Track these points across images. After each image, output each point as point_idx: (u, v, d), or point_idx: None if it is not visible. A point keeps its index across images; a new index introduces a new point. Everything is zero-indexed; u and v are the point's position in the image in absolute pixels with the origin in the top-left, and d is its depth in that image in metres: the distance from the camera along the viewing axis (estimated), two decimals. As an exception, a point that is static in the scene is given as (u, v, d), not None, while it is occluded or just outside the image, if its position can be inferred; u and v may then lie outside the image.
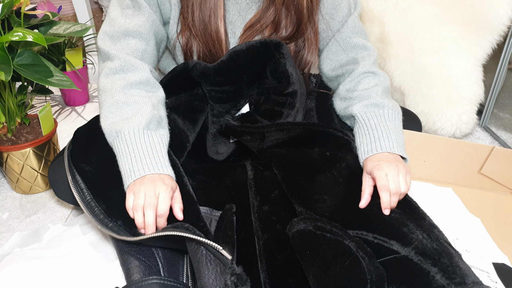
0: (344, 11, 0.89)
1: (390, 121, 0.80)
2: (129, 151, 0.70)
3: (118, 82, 0.77)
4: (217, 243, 0.63)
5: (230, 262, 0.58)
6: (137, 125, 0.72)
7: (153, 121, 0.74)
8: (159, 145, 0.72)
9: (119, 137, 0.72)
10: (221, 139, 0.90)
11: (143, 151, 0.70)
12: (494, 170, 1.07)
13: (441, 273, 0.59)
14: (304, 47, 0.89)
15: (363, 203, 0.71)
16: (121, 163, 0.71)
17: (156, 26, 0.84)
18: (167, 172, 0.70)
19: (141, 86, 0.78)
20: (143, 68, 0.80)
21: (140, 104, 0.75)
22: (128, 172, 0.69)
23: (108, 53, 0.80)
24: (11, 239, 0.94)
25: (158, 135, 0.73)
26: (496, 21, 1.19)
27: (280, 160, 0.80)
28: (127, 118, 0.73)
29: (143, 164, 0.69)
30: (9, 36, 0.87)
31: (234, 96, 0.85)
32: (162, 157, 0.71)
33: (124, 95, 0.76)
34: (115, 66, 0.78)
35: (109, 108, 0.75)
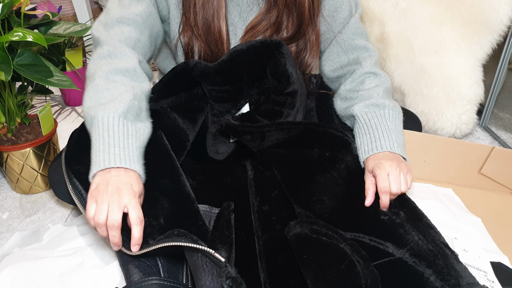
0: (345, 13, 0.90)
1: (391, 121, 0.81)
2: (101, 137, 0.66)
3: (103, 67, 0.74)
4: (214, 243, 0.63)
5: (224, 265, 0.58)
6: (112, 112, 0.68)
7: (132, 111, 0.70)
8: (133, 137, 0.68)
9: (93, 123, 0.68)
10: (221, 138, 0.90)
11: (114, 140, 0.66)
12: (494, 170, 1.07)
13: (435, 275, 0.59)
14: (306, 49, 0.89)
15: (368, 201, 0.71)
16: (93, 149, 0.67)
17: (153, 18, 0.82)
18: (135, 168, 0.66)
19: (126, 74, 0.75)
20: (132, 56, 0.77)
21: (121, 91, 0.71)
22: (95, 160, 0.65)
23: (99, 39, 0.78)
24: (11, 239, 0.94)
25: (135, 127, 0.69)
26: (496, 21, 1.19)
27: (280, 160, 0.80)
28: (104, 104, 0.69)
29: (109, 154, 0.65)
30: (9, 36, 0.87)
31: (234, 96, 0.85)
32: (133, 150, 0.67)
33: (106, 80, 0.72)
34: (103, 52, 0.76)
35: (88, 93, 0.72)
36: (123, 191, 0.62)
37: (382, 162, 0.72)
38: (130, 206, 0.62)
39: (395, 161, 0.73)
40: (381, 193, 0.70)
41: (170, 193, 0.72)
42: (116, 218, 0.61)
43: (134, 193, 0.63)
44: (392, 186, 0.70)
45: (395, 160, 0.73)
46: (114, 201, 0.61)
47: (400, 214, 0.69)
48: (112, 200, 0.61)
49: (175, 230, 0.65)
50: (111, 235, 0.62)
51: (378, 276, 0.60)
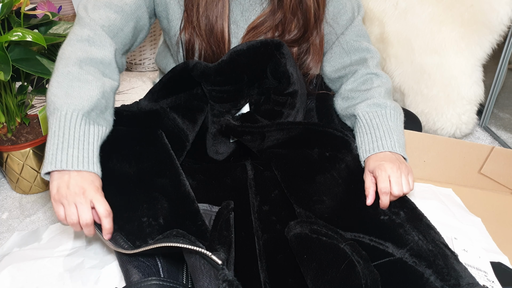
0: (348, 15, 0.90)
1: (392, 121, 0.81)
2: (60, 134, 0.66)
3: (78, 52, 0.73)
4: (212, 244, 0.62)
5: (221, 268, 0.57)
6: (77, 109, 0.67)
7: (96, 110, 0.70)
8: (93, 138, 0.68)
9: (55, 114, 0.67)
10: (221, 139, 0.90)
11: (73, 140, 0.66)
12: (494, 170, 1.07)
13: (435, 275, 0.59)
14: (308, 52, 0.89)
15: (369, 200, 0.71)
16: (48, 143, 0.66)
17: (141, 11, 0.82)
18: (94, 170, 0.66)
19: (100, 67, 0.74)
20: (110, 48, 0.76)
21: (92, 86, 0.70)
22: (51, 157, 0.65)
23: (82, 19, 0.76)
24: (11, 239, 0.94)
25: (96, 126, 0.69)
26: (496, 21, 1.19)
27: (280, 160, 0.80)
28: (71, 96, 0.68)
29: (68, 156, 0.65)
30: (9, 36, 0.87)
31: (234, 96, 0.85)
32: (92, 151, 0.67)
33: (79, 68, 0.71)
34: (82, 34, 0.74)
35: (57, 77, 0.70)
36: (86, 189, 0.64)
37: (383, 164, 0.72)
38: (96, 201, 0.64)
39: (396, 163, 0.73)
40: (381, 194, 0.70)
41: (170, 192, 0.72)
42: (88, 217, 0.64)
43: (97, 188, 0.65)
44: (394, 188, 0.70)
45: (396, 162, 0.73)
46: (81, 202, 0.63)
47: (400, 214, 0.69)
48: (79, 201, 0.63)
49: (173, 230, 0.65)
50: (86, 231, 0.66)
51: (378, 276, 0.60)
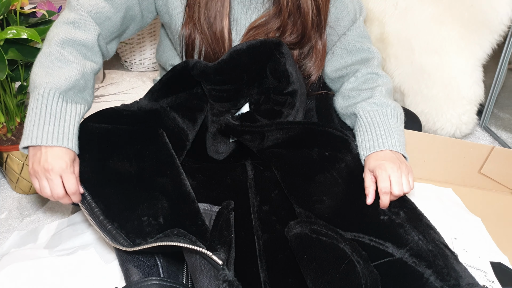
0: (350, 16, 0.90)
1: (393, 120, 0.81)
2: (36, 112, 0.68)
3: (62, 34, 0.75)
4: (212, 244, 0.62)
5: (221, 268, 0.57)
6: (54, 88, 0.70)
7: (74, 89, 0.72)
8: (70, 114, 0.71)
9: (34, 92, 0.70)
10: (221, 138, 0.90)
11: (49, 117, 0.68)
12: (494, 170, 1.07)
13: (435, 275, 0.59)
14: (309, 57, 0.89)
15: (370, 199, 0.71)
16: (26, 119, 0.69)
17: (133, 3, 0.82)
18: (67, 145, 0.68)
19: (81, 49, 0.76)
20: (94, 32, 0.77)
21: (71, 66, 0.73)
22: (28, 133, 0.68)
23: (70, 3, 0.78)
24: (10, 239, 0.94)
25: (74, 105, 0.72)
26: (496, 21, 1.19)
27: (280, 160, 0.80)
28: (50, 75, 0.71)
29: (43, 132, 0.67)
30: (3, 34, 0.87)
31: (234, 95, 0.85)
32: (68, 127, 0.70)
33: (60, 49, 0.73)
34: (68, 18, 0.77)
35: (40, 57, 0.73)
36: (55, 166, 0.66)
37: (384, 163, 0.72)
38: (64, 177, 0.67)
39: (396, 162, 0.73)
40: (382, 193, 0.70)
41: (170, 192, 0.72)
42: (59, 191, 0.68)
43: (66, 164, 0.67)
44: (394, 188, 0.70)
45: (397, 161, 0.73)
46: (51, 178, 0.67)
47: (400, 214, 0.69)
48: (49, 177, 0.67)
49: (174, 229, 0.65)
50: (62, 201, 0.70)
51: (378, 276, 0.60)
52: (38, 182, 0.69)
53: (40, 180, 0.68)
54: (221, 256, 0.58)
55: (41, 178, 0.68)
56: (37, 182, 0.69)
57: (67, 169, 0.67)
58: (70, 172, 0.68)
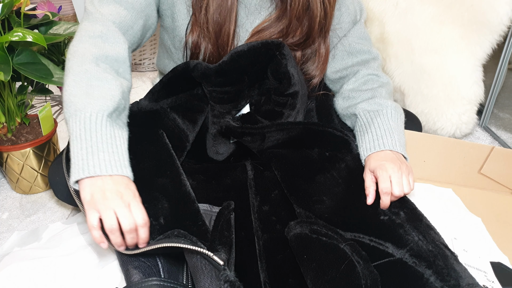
0: (351, 18, 0.90)
1: (393, 120, 0.81)
2: (86, 138, 0.62)
3: (92, 49, 0.68)
4: (213, 244, 0.62)
5: (223, 268, 0.57)
6: (102, 110, 0.63)
7: (117, 111, 0.66)
8: (120, 139, 0.64)
9: (77, 116, 0.63)
10: (221, 139, 0.90)
11: (102, 144, 0.62)
12: (494, 170, 1.07)
13: (435, 275, 0.59)
14: (312, 59, 0.89)
15: (370, 200, 0.71)
16: (74, 147, 0.62)
17: (150, 9, 0.79)
18: (127, 174, 0.63)
19: (114, 65, 0.70)
20: (124, 45, 0.72)
21: (111, 85, 0.66)
22: (80, 164, 0.60)
23: (92, 14, 0.72)
24: (10, 239, 0.94)
25: (119, 128, 0.66)
26: (496, 21, 1.19)
27: (280, 160, 0.80)
28: (92, 96, 0.64)
29: (100, 160, 0.61)
30: (9, 36, 0.87)
31: (235, 97, 0.85)
32: (122, 154, 0.64)
33: (95, 66, 0.67)
34: (94, 30, 0.70)
35: (74, 76, 0.66)
36: (124, 194, 0.60)
37: (384, 163, 0.72)
38: (133, 207, 0.60)
39: (397, 163, 0.73)
40: (382, 194, 0.70)
41: (170, 192, 0.72)
42: (130, 220, 0.59)
43: (134, 193, 0.62)
44: (395, 188, 0.70)
45: (397, 162, 0.73)
46: (120, 206, 0.59)
47: (400, 214, 0.69)
48: (118, 205, 0.59)
49: (175, 230, 0.65)
50: (129, 238, 0.61)
51: (378, 276, 0.60)
52: (101, 215, 0.59)
53: (104, 211, 0.59)
54: (222, 257, 0.58)
55: (106, 209, 0.59)
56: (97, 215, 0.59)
57: (136, 198, 0.61)
58: (140, 202, 0.62)
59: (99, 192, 0.59)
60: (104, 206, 0.59)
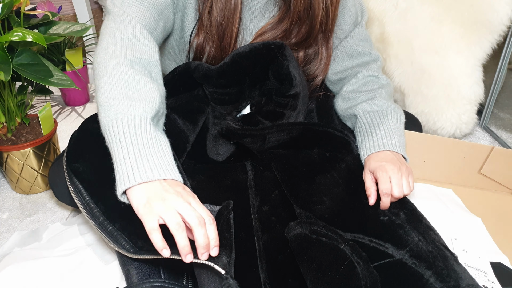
0: (352, 20, 0.90)
1: (393, 121, 0.81)
2: (132, 142, 0.57)
3: (126, 51, 0.64)
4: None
5: (225, 277, 0.56)
6: (145, 113, 0.59)
7: (157, 115, 0.63)
8: (165, 145, 0.61)
9: (119, 120, 0.58)
10: (222, 140, 0.90)
11: (149, 148, 0.57)
12: (494, 170, 1.07)
13: (435, 276, 0.59)
14: (315, 60, 0.89)
15: (372, 200, 0.71)
16: (118, 155, 0.57)
17: (169, 11, 0.77)
18: (177, 178, 0.58)
19: (148, 68, 0.66)
20: (155, 48, 0.69)
21: (150, 87, 0.62)
22: (130, 170, 0.56)
23: (118, 16, 0.69)
24: (11, 239, 0.94)
25: (162, 133, 0.62)
26: (496, 21, 1.19)
27: (280, 161, 0.80)
28: (133, 99, 0.60)
29: (150, 164, 0.56)
30: (9, 36, 0.87)
31: (236, 98, 0.85)
32: (171, 159, 0.60)
33: (131, 68, 0.63)
34: (124, 32, 0.67)
35: (110, 79, 0.62)
36: (183, 194, 0.56)
37: (384, 164, 0.72)
38: (195, 205, 0.56)
39: (396, 164, 0.73)
40: (382, 195, 0.70)
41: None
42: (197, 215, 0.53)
43: (193, 195, 0.57)
44: (395, 189, 0.70)
45: (397, 163, 0.73)
46: (183, 204, 0.54)
47: (400, 215, 0.69)
48: (179, 204, 0.54)
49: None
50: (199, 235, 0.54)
51: (378, 277, 0.60)
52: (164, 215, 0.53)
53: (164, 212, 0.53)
54: (223, 260, 0.58)
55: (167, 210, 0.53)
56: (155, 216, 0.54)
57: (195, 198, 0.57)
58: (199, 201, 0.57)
59: (156, 195, 0.54)
60: (164, 207, 0.53)
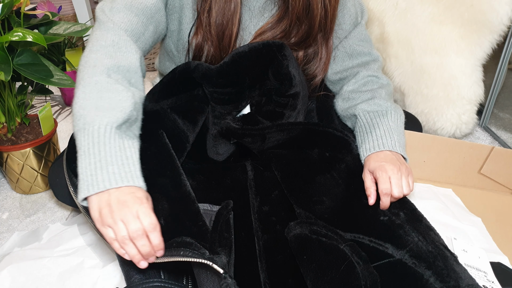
0: (352, 20, 0.90)
1: (393, 121, 0.81)
2: (94, 152, 0.60)
3: (104, 59, 0.67)
4: (213, 246, 0.62)
5: (223, 277, 0.57)
6: (110, 122, 0.61)
7: (127, 122, 0.64)
8: (130, 149, 0.62)
9: (86, 130, 0.61)
10: (222, 140, 0.90)
11: (111, 157, 0.60)
12: (494, 170, 1.07)
13: (435, 276, 0.59)
14: (314, 60, 0.89)
15: (372, 200, 0.71)
16: (81, 164, 0.60)
17: (160, 15, 0.79)
18: (137, 184, 0.60)
19: (127, 75, 0.68)
20: (136, 54, 0.71)
21: (122, 96, 0.64)
22: (89, 180, 0.59)
23: (103, 23, 0.71)
24: (11, 239, 0.94)
25: (130, 140, 0.64)
26: (496, 21, 1.19)
27: (280, 161, 0.80)
28: (102, 109, 0.62)
29: (109, 174, 0.59)
30: (9, 36, 0.87)
31: (236, 98, 0.85)
32: (133, 165, 0.61)
33: (107, 77, 0.65)
34: (106, 39, 0.69)
35: (84, 88, 0.64)
36: (127, 201, 0.58)
37: (384, 164, 0.72)
38: (140, 212, 0.58)
39: (396, 164, 0.73)
40: (382, 195, 0.70)
41: (170, 192, 0.72)
42: (136, 226, 0.57)
43: (139, 199, 0.59)
44: (394, 190, 0.70)
45: (397, 163, 0.73)
46: (126, 214, 0.57)
47: (400, 215, 0.69)
48: (124, 214, 0.57)
49: (173, 241, 0.64)
50: (140, 245, 0.58)
51: (378, 277, 0.60)
52: (113, 228, 0.57)
53: (114, 225, 0.57)
54: (223, 260, 0.58)
55: (115, 222, 0.57)
56: (109, 229, 0.58)
57: (143, 204, 0.58)
58: (148, 207, 0.59)
59: (106, 207, 0.58)
60: (112, 219, 0.57)
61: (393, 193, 0.70)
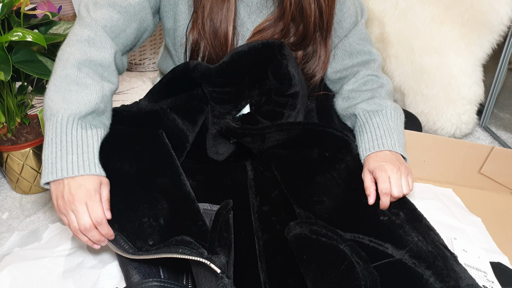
0: (352, 19, 0.90)
1: (392, 121, 0.81)
2: (56, 142, 0.64)
3: (77, 54, 0.70)
4: (212, 246, 0.62)
5: (220, 276, 0.57)
6: (73, 114, 0.65)
7: (94, 114, 0.68)
8: (92, 138, 0.66)
9: (51, 120, 0.65)
10: (221, 139, 0.90)
11: (71, 147, 0.64)
12: (494, 170, 1.07)
13: (435, 276, 0.59)
14: (313, 59, 0.89)
15: (372, 200, 0.71)
16: (44, 152, 0.64)
17: (145, 13, 0.80)
18: (94, 172, 0.64)
19: (98, 69, 0.71)
20: (111, 49, 0.73)
21: (90, 89, 0.68)
22: (49, 167, 0.63)
23: (83, 19, 0.74)
24: (11, 239, 0.94)
25: (94, 128, 0.67)
26: (496, 21, 1.19)
27: (280, 161, 0.80)
28: (68, 101, 0.66)
29: (67, 163, 0.63)
30: (9, 36, 0.87)
31: (235, 97, 0.85)
32: (93, 153, 0.65)
33: (77, 70, 0.68)
34: (82, 34, 0.72)
35: (55, 81, 0.68)
36: (77, 195, 0.62)
37: (384, 164, 0.72)
38: (90, 206, 0.63)
39: (396, 164, 0.73)
40: (382, 195, 0.70)
41: (170, 192, 0.72)
42: (85, 220, 0.62)
43: (89, 192, 0.63)
44: (394, 189, 0.70)
45: (396, 163, 0.73)
46: (76, 207, 0.62)
47: (400, 215, 0.69)
48: (74, 208, 0.63)
49: (173, 239, 0.65)
50: (91, 236, 0.64)
51: (378, 277, 0.60)
52: (66, 218, 0.64)
53: (67, 216, 0.64)
54: (221, 260, 0.58)
55: (68, 213, 0.63)
56: (65, 218, 0.64)
57: (91, 197, 0.63)
58: (96, 200, 0.63)
59: (60, 198, 0.63)
60: (65, 210, 0.63)
61: (393, 193, 0.70)
